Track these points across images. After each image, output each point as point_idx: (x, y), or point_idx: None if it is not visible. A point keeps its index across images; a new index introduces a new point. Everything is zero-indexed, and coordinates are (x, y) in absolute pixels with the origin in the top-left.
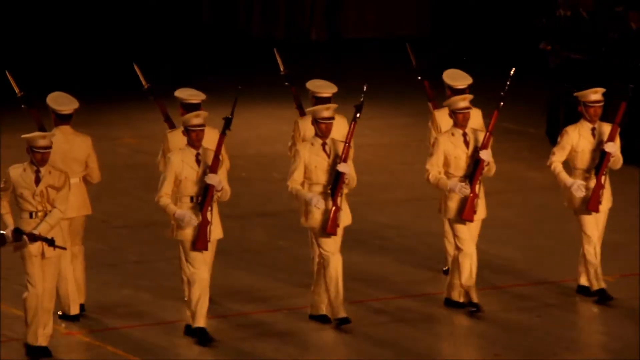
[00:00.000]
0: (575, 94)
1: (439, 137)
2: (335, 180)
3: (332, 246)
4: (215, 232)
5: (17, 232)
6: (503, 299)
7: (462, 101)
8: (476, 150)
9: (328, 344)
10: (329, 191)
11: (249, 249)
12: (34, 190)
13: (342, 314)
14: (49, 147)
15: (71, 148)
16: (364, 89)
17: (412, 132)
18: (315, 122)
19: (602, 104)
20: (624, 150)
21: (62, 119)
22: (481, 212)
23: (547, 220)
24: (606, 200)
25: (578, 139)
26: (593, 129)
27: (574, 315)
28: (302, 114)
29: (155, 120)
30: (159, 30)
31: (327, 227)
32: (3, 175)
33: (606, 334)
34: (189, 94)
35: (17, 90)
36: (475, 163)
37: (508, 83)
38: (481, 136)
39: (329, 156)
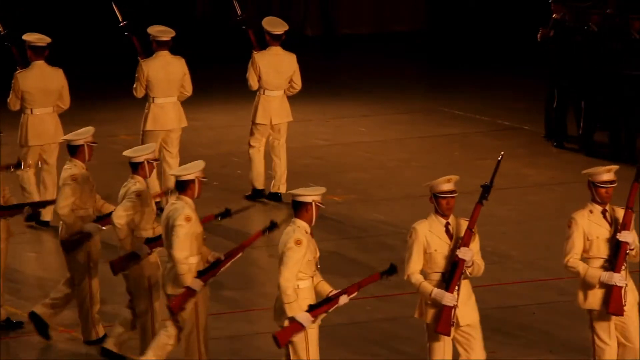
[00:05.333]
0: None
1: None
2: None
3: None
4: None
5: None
6: (499, 296)
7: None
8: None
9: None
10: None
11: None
12: (449, 244)
13: None
14: (456, 192)
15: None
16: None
17: (408, 128)
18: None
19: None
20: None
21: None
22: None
23: (543, 217)
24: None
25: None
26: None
27: (569, 313)
28: (146, 57)
29: None
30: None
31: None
32: (412, 231)
33: None
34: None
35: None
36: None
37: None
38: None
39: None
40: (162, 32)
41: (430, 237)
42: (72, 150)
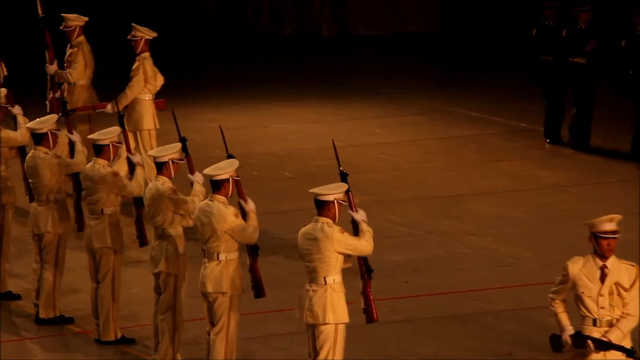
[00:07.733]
0: None
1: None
2: None
3: None
4: None
5: (579, 337)
6: (515, 298)
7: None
8: None
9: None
10: None
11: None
12: (599, 289)
13: None
14: (618, 232)
15: None
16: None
17: (421, 129)
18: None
19: None
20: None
21: None
22: None
23: (557, 219)
24: None
25: None
26: None
27: None
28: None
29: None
30: (165, 25)
31: None
32: (564, 268)
33: None
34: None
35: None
36: None
37: None
38: None
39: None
40: (73, 17)
41: (580, 278)
42: (98, 150)
